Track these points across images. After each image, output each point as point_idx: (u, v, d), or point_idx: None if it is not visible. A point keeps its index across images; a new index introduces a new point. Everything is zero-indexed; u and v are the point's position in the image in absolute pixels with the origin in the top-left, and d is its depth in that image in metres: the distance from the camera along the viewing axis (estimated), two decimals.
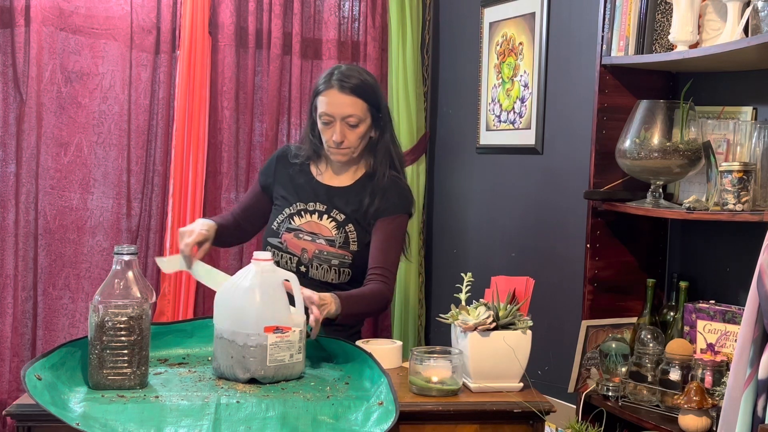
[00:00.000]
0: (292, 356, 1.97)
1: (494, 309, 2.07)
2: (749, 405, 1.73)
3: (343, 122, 2.43)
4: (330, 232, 2.47)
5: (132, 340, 1.84)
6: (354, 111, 2.43)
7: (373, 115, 2.48)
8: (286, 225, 2.51)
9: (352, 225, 2.48)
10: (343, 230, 2.47)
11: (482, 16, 3.59)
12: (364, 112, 2.45)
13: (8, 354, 3.32)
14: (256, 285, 1.95)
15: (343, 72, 2.46)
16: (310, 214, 2.51)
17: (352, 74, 2.45)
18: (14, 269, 3.33)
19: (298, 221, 2.51)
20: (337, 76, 2.44)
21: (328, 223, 2.49)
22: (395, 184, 2.54)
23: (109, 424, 1.68)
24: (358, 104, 2.44)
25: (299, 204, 2.53)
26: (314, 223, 2.49)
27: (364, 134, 2.48)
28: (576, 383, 2.50)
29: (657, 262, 2.66)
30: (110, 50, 3.41)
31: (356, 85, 2.43)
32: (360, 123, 2.44)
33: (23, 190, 3.32)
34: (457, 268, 2.78)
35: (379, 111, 2.50)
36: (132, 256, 1.89)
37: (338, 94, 2.43)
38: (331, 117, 2.44)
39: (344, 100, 2.42)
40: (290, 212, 2.53)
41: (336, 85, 2.43)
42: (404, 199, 2.54)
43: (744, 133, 2.29)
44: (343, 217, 2.49)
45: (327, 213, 2.50)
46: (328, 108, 2.43)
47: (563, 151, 3.14)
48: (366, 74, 2.51)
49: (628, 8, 2.47)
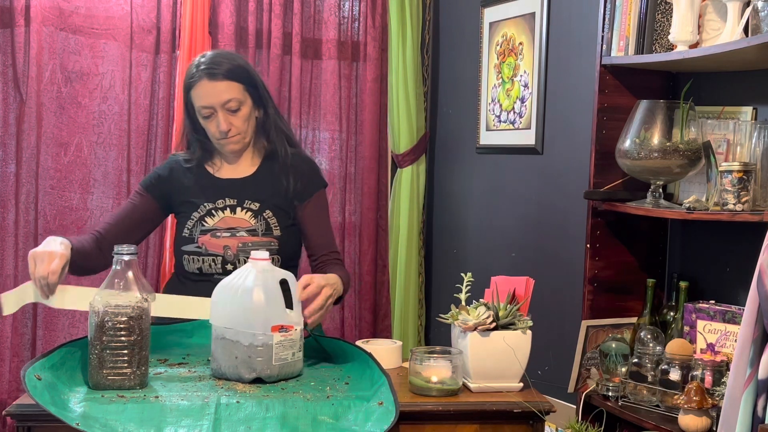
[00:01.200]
0: (294, 354, 1.98)
1: (494, 309, 2.07)
2: (749, 405, 1.73)
3: (223, 110, 2.32)
4: (248, 222, 2.37)
5: (132, 340, 1.84)
6: (231, 95, 2.32)
7: (252, 94, 2.37)
8: (199, 228, 2.37)
9: (270, 211, 2.39)
10: (262, 217, 2.38)
11: (482, 16, 3.59)
12: (242, 94, 2.34)
13: (8, 354, 3.32)
14: (259, 285, 1.95)
15: (209, 60, 2.34)
16: (222, 211, 2.38)
17: (217, 60, 2.34)
18: (14, 269, 3.33)
19: (211, 221, 2.37)
20: (203, 66, 2.33)
21: (243, 215, 2.38)
22: (302, 161, 2.47)
23: (109, 424, 1.68)
24: (234, 87, 2.32)
25: (207, 204, 2.39)
26: (229, 218, 2.38)
27: (249, 116, 2.37)
28: (576, 383, 2.50)
29: (657, 262, 2.66)
30: (110, 50, 3.41)
31: (227, 69, 2.32)
32: (241, 105, 2.34)
33: (23, 190, 3.32)
34: (457, 268, 2.78)
35: (257, 89, 2.38)
36: (132, 256, 1.89)
37: (210, 83, 2.31)
38: (210, 108, 2.32)
39: (218, 87, 2.31)
40: (200, 215, 2.38)
41: (205, 74, 2.31)
42: (316, 175, 2.49)
43: (744, 133, 2.29)
44: (258, 205, 2.38)
45: (240, 205, 2.39)
46: (204, 100, 2.32)
47: (563, 151, 3.14)
48: (232, 56, 2.40)
49: (628, 8, 2.47)
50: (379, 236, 3.79)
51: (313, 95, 3.70)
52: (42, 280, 2.01)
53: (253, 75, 2.39)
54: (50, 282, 2.01)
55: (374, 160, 3.75)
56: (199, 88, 2.33)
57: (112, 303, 1.84)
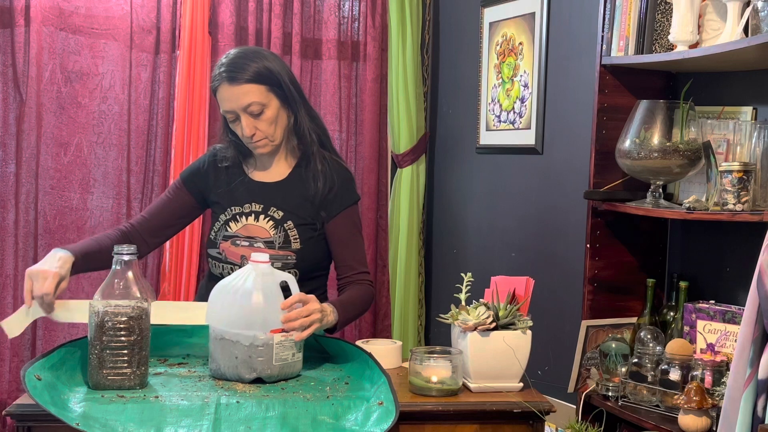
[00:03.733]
0: (294, 355, 1.98)
1: (494, 309, 2.07)
2: (749, 405, 1.73)
3: (246, 114, 2.24)
4: (267, 233, 2.30)
5: (132, 340, 1.84)
6: (252, 98, 2.22)
7: (278, 94, 2.27)
8: (222, 233, 2.34)
9: (292, 222, 2.31)
10: (282, 228, 2.30)
11: (482, 16, 3.59)
12: (265, 96, 2.24)
13: (8, 354, 3.32)
14: (259, 287, 1.95)
15: (231, 62, 2.25)
16: (246, 217, 2.33)
17: (239, 61, 2.24)
18: (14, 269, 3.33)
19: (234, 227, 2.33)
20: (224, 69, 2.24)
21: (265, 224, 2.31)
22: (336, 167, 2.38)
23: (109, 424, 1.68)
24: (255, 90, 2.22)
25: (234, 208, 2.34)
26: (251, 227, 2.32)
27: (275, 118, 2.27)
28: (576, 383, 2.50)
29: (657, 262, 2.66)
30: (110, 50, 3.41)
31: (247, 71, 2.22)
32: (265, 108, 2.24)
33: (23, 190, 3.32)
34: (457, 268, 2.78)
35: (282, 88, 2.27)
36: (132, 256, 1.89)
37: (230, 88, 2.23)
38: (232, 113, 2.26)
39: (238, 91, 2.22)
40: (225, 218, 2.34)
41: (225, 78, 2.23)
42: (349, 188, 2.38)
43: (744, 133, 2.29)
44: (281, 214, 2.31)
45: (264, 213, 2.32)
46: (226, 104, 2.25)
47: (563, 151, 3.14)
48: (255, 55, 2.28)
49: (628, 8, 2.46)
50: (379, 236, 3.79)
51: (313, 95, 3.70)
52: (38, 300, 2.04)
53: (278, 74, 2.27)
54: (46, 301, 2.03)
55: (374, 160, 3.75)
56: (221, 92, 2.25)
57: (112, 303, 1.84)
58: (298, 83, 2.35)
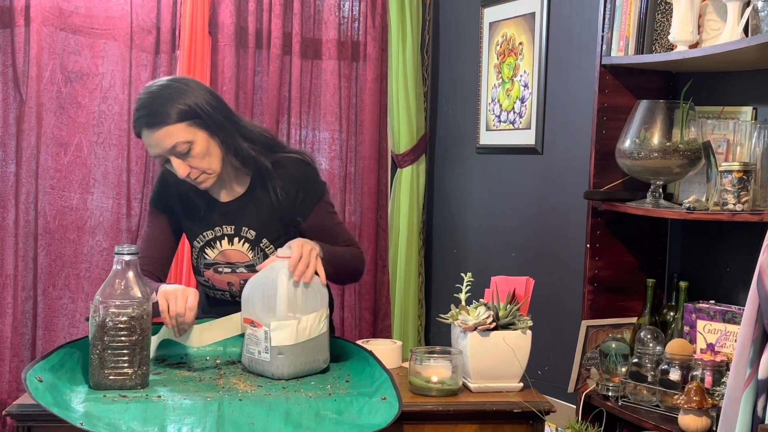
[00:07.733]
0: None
1: (494, 309, 2.07)
2: (749, 405, 1.73)
3: (174, 155, 2.10)
4: (246, 256, 2.24)
5: (133, 340, 1.84)
6: (176, 139, 2.08)
7: (203, 125, 2.11)
8: (202, 261, 2.27)
9: (267, 239, 2.24)
10: (259, 249, 2.24)
11: (482, 16, 3.60)
12: (189, 132, 2.09)
13: (8, 354, 3.32)
14: (288, 284, 1.99)
15: (143, 106, 2.09)
16: (219, 241, 2.24)
17: (155, 104, 2.08)
18: (14, 269, 3.33)
19: (211, 254, 2.26)
20: (142, 114, 2.09)
21: (241, 246, 2.24)
22: (291, 167, 2.26)
23: (112, 423, 1.68)
24: (176, 130, 2.08)
25: (207, 234, 2.25)
26: (227, 252, 2.25)
27: (206, 151, 2.12)
28: (576, 383, 2.50)
29: (657, 262, 2.66)
30: (110, 50, 3.42)
31: (164, 113, 2.07)
32: (192, 145, 2.09)
33: (23, 190, 3.32)
34: (457, 268, 2.78)
35: (203, 118, 2.11)
36: (132, 256, 1.89)
37: (151, 133, 2.08)
38: (159, 157, 2.13)
39: (159, 135, 2.07)
40: (200, 245, 2.27)
41: (144, 124, 2.08)
42: (315, 183, 2.29)
43: (744, 133, 2.29)
44: (254, 234, 2.23)
45: (237, 234, 2.24)
46: (152, 150, 2.12)
47: (563, 151, 3.14)
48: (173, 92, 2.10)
49: (628, 8, 2.47)
50: (378, 236, 3.79)
51: (313, 95, 3.70)
52: (179, 318, 1.98)
53: (196, 107, 2.10)
54: (187, 319, 1.98)
55: (374, 160, 3.75)
56: (144, 138, 2.11)
57: (113, 303, 1.84)
58: (223, 102, 2.20)
